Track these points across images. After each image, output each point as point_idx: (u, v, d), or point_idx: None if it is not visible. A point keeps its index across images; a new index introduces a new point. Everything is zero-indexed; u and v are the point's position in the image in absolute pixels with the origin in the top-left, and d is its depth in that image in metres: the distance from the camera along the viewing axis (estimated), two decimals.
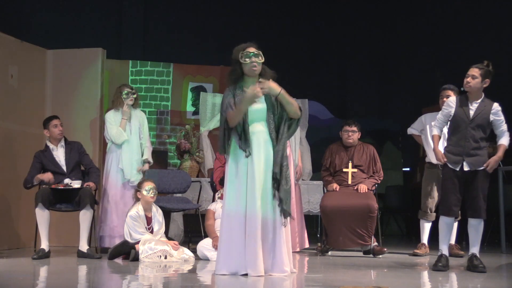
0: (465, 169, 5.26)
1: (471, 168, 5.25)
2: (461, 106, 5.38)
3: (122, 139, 6.66)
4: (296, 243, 7.07)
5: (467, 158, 5.26)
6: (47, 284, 4.49)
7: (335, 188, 6.75)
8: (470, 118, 5.31)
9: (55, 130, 6.42)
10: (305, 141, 7.92)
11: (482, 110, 5.33)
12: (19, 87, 7.12)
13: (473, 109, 5.34)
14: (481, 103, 5.35)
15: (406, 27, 11.80)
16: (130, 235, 5.90)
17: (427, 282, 4.68)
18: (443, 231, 5.37)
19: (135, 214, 5.94)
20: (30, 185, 6.27)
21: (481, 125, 5.30)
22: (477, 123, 5.30)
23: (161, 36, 12.01)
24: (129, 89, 6.79)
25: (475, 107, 5.34)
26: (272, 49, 13.27)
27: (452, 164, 5.32)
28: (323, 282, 4.61)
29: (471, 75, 5.35)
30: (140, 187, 6.09)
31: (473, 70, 5.38)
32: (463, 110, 5.35)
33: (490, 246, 7.95)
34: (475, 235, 5.31)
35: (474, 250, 5.32)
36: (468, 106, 5.35)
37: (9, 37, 7.07)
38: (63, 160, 6.40)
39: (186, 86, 10.88)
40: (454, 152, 5.33)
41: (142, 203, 6.04)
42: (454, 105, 5.41)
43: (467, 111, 5.34)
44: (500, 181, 7.36)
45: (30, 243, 6.68)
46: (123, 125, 6.70)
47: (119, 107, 6.77)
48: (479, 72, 5.35)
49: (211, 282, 4.54)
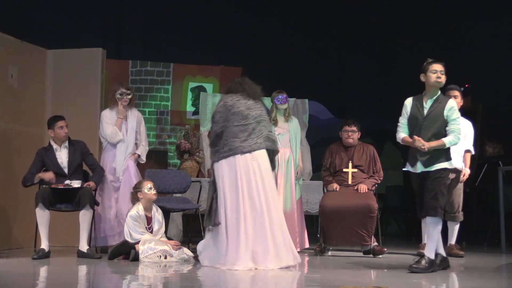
0: (419, 171, 5.16)
1: (425, 167, 5.13)
2: (416, 105, 5.26)
3: (117, 139, 6.64)
4: (296, 243, 7.06)
5: (420, 157, 5.14)
6: (47, 284, 4.49)
7: (335, 188, 6.75)
8: (424, 116, 5.20)
9: (60, 132, 6.37)
10: (305, 141, 7.92)
11: (437, 107, 5.19)
12: (19, 87, 7.12)
13: (427, 107, 5.22)
14: (437, 100, 5.23)
15: (406, 27, 11.79)
16: (130, 235, 5.90)
17: (427, 282, 4.68)
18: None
19: (136, 214, 5.94)
20: (30, 183, 6.24)
21: (435, 122, 5.16)
22: (431, 121, 5.17)
23: (161, 36, 12.01)
24: (124, 89, 6.73)
25: (429, 104, 5.22)
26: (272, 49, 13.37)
27: (411, 165, 5.24)
28: (323, 282, 4.62)
29: (440, 71, 5.24)
30: (140, 187, 6.07)
31: (439, 66, 5.26)
32: (418, 108, 5.24)
33: (490, 246, 7.95)
34: (427, 235, 5.18)
35: (426, 252, 5.14)
36: (423, 104, 5.24)
37: (9, 37, 7.07)
38: (65, 162, 6.35)
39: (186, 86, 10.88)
40: (412, 153, 5.24)
41: (143, 203, 6.03)
42: (410, 104, 5.30)
43: (421, 109, 5.23)
44: (500, 181, 7.35)
45: (30, 243, 6.68)
46: (119, 124, 6.67)
47: (114, 106, 6.75)
48: (444, 68, 5.26)
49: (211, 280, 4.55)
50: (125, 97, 6.70)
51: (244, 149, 5.35)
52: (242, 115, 5.43)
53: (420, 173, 5.18)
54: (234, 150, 5.36)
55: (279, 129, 7.21)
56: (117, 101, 6.69)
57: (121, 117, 6.70)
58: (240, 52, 11.91)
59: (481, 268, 5.78)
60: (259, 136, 5.43)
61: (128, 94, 6.73)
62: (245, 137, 5.38)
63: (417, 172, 5.21)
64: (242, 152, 5.35)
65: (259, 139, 5.41)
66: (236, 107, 5.45)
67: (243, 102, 5.49)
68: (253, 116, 5.45)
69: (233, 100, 5.51)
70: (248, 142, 5.37)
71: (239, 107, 5.45)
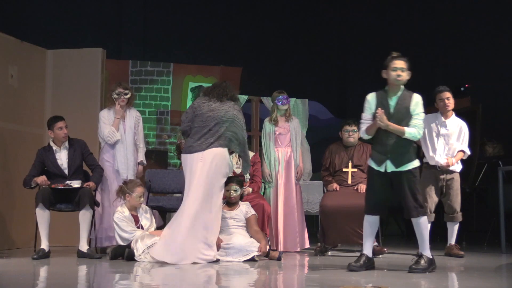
0: (388, 171, 5.07)
1: (396, 167, 5.06)
2: (381, 102, 5.16)
3: (114, 139, 6.61)
4: (296, 243, 7.07)
5: (391, 156, 5.07)
6: (47, 284, 4.49)
7: (335, 188, 6.75)
8: (390, 114, 5.10)
9: (59, 133, 6.33)
10: (305, 141, 7.94)
11: (402, 103, 5.12)
12: (19, 87, 7.12)
13: (393, 104, 5.14)
14: (401, 96, 5.15)
15: (406, 27, 11.80)
16: (121, 238, 5.90)
17: (427, 282, 4.67)
18: (366, 230, 5.20)
19: (120, 216, 5.92)
20: (28, 187, 6.26)
21: (403, 119, 5.08)
22: (398, 117, 5.08)
23: (161, 36, 12.02)
24: (121, 89, 6.69)
25: (395, 101, 5.14)
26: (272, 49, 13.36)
27: (376, 163, 5.13)
28: (323, 282, 4.62)
29: (400, 68, 5.11)
30: (131, 190, 6.03)
31: (400, 63, 5.12)
32: (383, 104, 5.14)
33: (490, 246, 7.95)
34: (418, 235, 5.13)
35: (421, 250, 5.13)
36: (387, 100, 5.16)
37: (9, 37, 7.07)
38: (65, 164, 6.33)
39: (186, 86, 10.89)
40: (379, 150, 5.15)
41: (128, 205, 6.02)
42: (374, 101, 5.21)
43: (387, 105, 5.13)
44: (500, 181, 7.35)
45: (30, 243, 6.67)
46: (116, 124, 6.64)
47: (112, 106, 6.74)
48: (406, 64, 5.14)
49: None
50: (122, 97, 6.67)
51: (193, 149, 5.70)
52: (202, 117, 5.75)
53: (388, 172, 5.09)
54: (187, 149, 5.77)
55: (279, 129, 7.22)
56: (114, 101, 6.67)
57: (118, 117, 6.66)
58: (240, 52, 11.92)
59: (481, 268, 5.78)
60: (213, 136, 5.68)
61: (126, 94, 6.70)
62: (199, 138, 5.70)
63: (382, 171, 5.09)
64: (191, 151, 5.71)
65: (211, 139, 5.67)
66: (199, 109, 5.81)
67: (207, 104, 5.81)
68: (213, 118, 5.72)
69: (199, 102, 5.87)
70: (199, 142, 5.68)
71: (202, 109, 5.80)
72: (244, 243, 5.87)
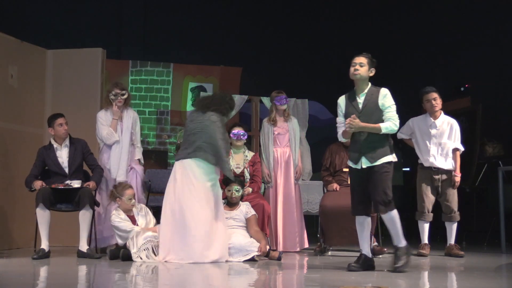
0: (364, 166, 5.08)
1: (370, 162, 5.07)
2: (350, 100, 5.21)
3: (113, 140, 6.61)
4: (295, 243, 7.07)
5: (365, 152, 5.08)
6: (47, 284, 4.49)
7: (335, 188, 6.75)
8: (359, 111, 5.13)
9: (60, 129, 6.35)
10: (305, 141, 7.92)
11: (370, 99, 5.14)
12: (19, 87, 7.12)
13: (361, 101, 5.16)
14: (369, 92, 5.17)
15: (406, 28, 11.80)
16: (121, 238, 5.92)
17: (427, 282, 4.68)
18: (359, 231, 5.23)
19: (117, 218, 5.95)
20: (29, 189, 6.26)
21: (372, 115, 5.09)
22: (368, 113, 5.10)
23: (161, 36, 12.01)
24: (118, 90, 6.67)
25: (363, 98, 5.17)
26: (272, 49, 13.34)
27: (353, 161, 5.16)
28: (323, 282, 4.62)
29: (359, 63, 5.16)
30: (121, 194, 6.04)
31: (359, 58, 5.19)
32: (352, 105, 5.18)
33: (490, 246, 7.95)
34: (391, 229, 5.14)
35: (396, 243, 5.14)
36: (356, 99, 5.19)
37: (9, 37, 7.08)
38: (66, 162, 6.34)
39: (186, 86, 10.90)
40: (353, 149, 5.19)
41: (121, 208, 6.06)
42: (344, 104, 5.26)
43: (356, 104, 5.17)
44: (500, 181, 7.35)
45: (30, 243, 6.68)
46: (114, 125, 6.64)
47: (109, 107, 6.73)
48: (366, 60, 5.18)
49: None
50: (119, 98, 6.66)
51: (177, 158, 5.96)
52: (187, 128, 6.00)
53: (364, 168, 5.10)
54: (176, 157, 6.06)
55: (278, 129, 7.22)
56: (112, 102, 6.67)
57: (116, 118, 6.66)
58: (240, 52, 11.91)
59: (481, 268, 5.78)
60: (191, 146, 5.82)
61: (123, 95, 6.68)
62: (184, 147, 5.92)
63: (359, 168, 5.11)
64: (176, 159, 5.95)
65: (189, 149, 5.83)
66: (188, 119, 6.11)
67: (191, 115, 6.11)
68: (191, 129, 5.91)
69: (191, 112, 6.31)
70: (182, 151, 5.92)
71: (188, 120, 6.10)
72: (244, 243, 5.87)
